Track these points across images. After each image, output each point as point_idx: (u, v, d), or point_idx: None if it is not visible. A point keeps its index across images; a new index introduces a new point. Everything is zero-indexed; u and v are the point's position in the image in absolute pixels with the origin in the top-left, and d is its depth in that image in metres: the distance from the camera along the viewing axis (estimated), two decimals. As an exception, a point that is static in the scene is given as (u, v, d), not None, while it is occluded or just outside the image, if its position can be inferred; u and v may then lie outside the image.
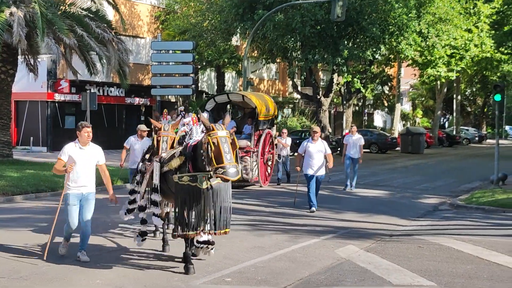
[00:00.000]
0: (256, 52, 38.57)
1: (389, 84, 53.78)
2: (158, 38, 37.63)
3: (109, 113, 39.24)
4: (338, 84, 41.06)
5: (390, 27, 34.41)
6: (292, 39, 35.00)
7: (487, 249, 11.92)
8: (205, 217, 9.48)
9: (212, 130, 8.78)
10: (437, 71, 42.56)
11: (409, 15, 34.21)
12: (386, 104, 64.99)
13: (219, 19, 35.90)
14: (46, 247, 9.53)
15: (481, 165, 33.13)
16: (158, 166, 10.12)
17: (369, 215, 16.94)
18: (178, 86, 26.18)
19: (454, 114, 64.34)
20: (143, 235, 10.69)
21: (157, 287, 9.06)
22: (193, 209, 9.38)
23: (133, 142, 15.19)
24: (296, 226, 15.01)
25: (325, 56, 35.90)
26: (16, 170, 22.30)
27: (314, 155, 16.87)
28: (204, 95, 44.43)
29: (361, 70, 40.68)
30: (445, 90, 54.30)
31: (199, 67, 39.36)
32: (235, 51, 39.52)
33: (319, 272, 9.91)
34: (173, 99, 40.61)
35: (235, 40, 37.90)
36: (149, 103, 41.53)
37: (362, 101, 58.72)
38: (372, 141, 47.42)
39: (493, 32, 41.79)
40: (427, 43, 37.19)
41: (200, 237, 9.77)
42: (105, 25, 26.75)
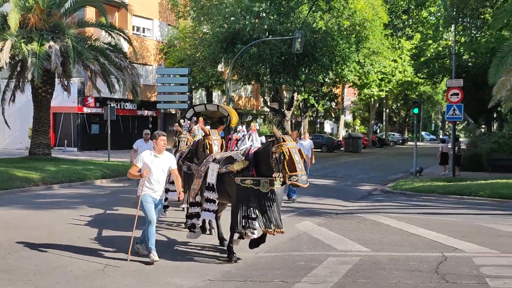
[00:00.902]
0: (236, 76, 38.53)
1: (336, 101, 54.09)
2: (162, 66, 37.74)
3: (125, 122, 38.99)
4: (298, 100, 41.09)
5: (336, 58, 34.51)
6: (263, 67, 34.99)
7: (408, 224, 12.05)
8: (266, 217, 8.25)
9: (284, 141, 7.78)
10: (371, 91, 42.84)
11: (350, 49, 34.41)
12: (333, 115, 65.44)
13: (208, 51, 35.85)
14: (129, 248, 8.20)
15: (404, 161, 33.36)
16: (217, 167, 8.69)
17: (321, 199, 16.92)
18: (177, 102, 26.14)
19: (384, 123, 64.82)
20: (194, 228, 9.24)
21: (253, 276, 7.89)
22: (253, 210, 8.34)
23: (140, 144, 14.40)
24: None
25: (288, 80, 35.93)
26: (54, 165, 22.13)
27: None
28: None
29: (315, 90, 40.76)
30: (377, 105, 54.79)
31: (193, 88, 39.18)
32: (220, 76, 39.44)
33: (284, 241, 9.93)
34: (173, 111, 40.44)
35: (220, 67, 37.84)
36: (155, 115, 41.34)
37: (316, 113, 58.89)
38: (323, 143, 47.51)
39: (412, 62, 42.17)
40: (364, 70, 37.42)
41: (253, 235, 8.66)
42: (122, 55, 26.66)
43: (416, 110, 25.22)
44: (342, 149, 49.09)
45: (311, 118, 53.16)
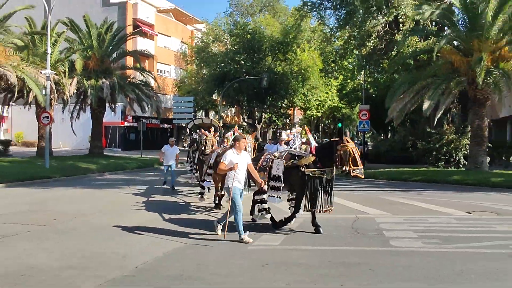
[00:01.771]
0: (224, 102, 38.41)
1: (289, 118, 54.33)
2: (176, 95, 37.62)
3: (151, 132, 38.67)
4: (264, 118, 41.22)
5: (289, 91, 34.78)
6: (242, 96, 35.05)
7: (335, 197, 11.98)
8: (327, 198, 7.36)
9: (348, 142, 6.99)
10: (312, 112, 43.03)
11: (298, 85, 34.76)
12: (288, 128, 65.75)
13: (206, 86, 35.76)
14: (225, 228, 6.84)
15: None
16: (282, 162, 7.46)
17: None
18: (186, 118, 25.90)
19: (319, 133, 65.28)
20: (264, 211, 7.65)
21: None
22: (320, 193, 7.29)
23: (167, 148, 13.47)
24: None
25: (258, 104, 36.07)
26: (104, 160, 21.99)
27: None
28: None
29: (275, 111, 40.81)
30: (315, 121, 55.03)
31: (196, 109, 39.03)
32: (214, 102, 39.33)
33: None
34: (183, 125, 40.21)
35: (214, 96, 37.72)
36: (172, 127, 41.13)
37: (276, 126, 59.12)
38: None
39: (338, 94, 42.62)
40: (307, 98, 37.59)
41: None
42: (150, 88, 26.66)
43: (340, 124, 25.86)
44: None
45: (273, 130, 53.19)
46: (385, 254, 6.23)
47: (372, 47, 22.19)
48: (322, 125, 65.91)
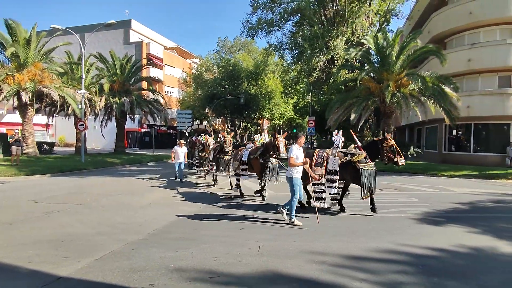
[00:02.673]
0: (214, 114, 38.13)
1: (260, 126, 54.23)
2: (179, 109, 36.82)
3: (161, 136, 37.78)
4: (242, 126, 41.10)
5: (260, 107, 34.94)
6: (226, 110, 34.97)
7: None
8: (374, 187, 6.34)
9: (390, 140, 6.23)
10: (275, 122, 43.25)
11: (266, 103, 34.97)
12: (259, 133, 64.97)
13: (201, 103, 35.36)
14: (316, 215, 6.05)
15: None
16: (338, 159, 6.46)
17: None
18: (186, 126, 25.63)
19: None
20: (324, 199, 6.59)
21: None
22: (371, 182, 6.25)
23: (177, 148, 11.43)
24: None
25: (238, 116, 36.06)
26: (126, 156, 21.40)
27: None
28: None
29: (250, 121, 40.85)
30: (278, 128, 54.28)
31: (193, 120, 38.58)
32: (207, 114, 38.92)
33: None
34: (184, 130, 39.68)
35: (207, 110, 37.34)
36: (175, 132, 40.27)
37: (250, 132, 59.03)
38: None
39: (293, 109, 42.98)
40: (272, 112, 37.85)
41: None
42: (160, 104, 25.99)
43: (295, 130, 25.82)
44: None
45: (248, 134, 53.23)
46: (324, 220, 6.28)
47: (316, 77, 22.59)
48: (282, 131, 66.34)
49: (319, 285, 3.50)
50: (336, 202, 6.82)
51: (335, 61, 21.51)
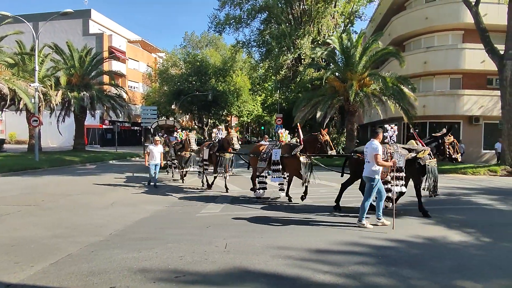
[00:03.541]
0: (181, 111, 37.26)
1: (228, 122, 53.73)
2: (143, 105, 35.50)
3: (124, 133, 36.18)
4: (210, 122, 40.71)
5: (228, 104, 34.74)
6: (194, 107, 34.34)
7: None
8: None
9: (450, 136, 6.21)
10: (244, 119, 43.27)
11: (234, 100, 34.87)
12: (227, 130, 64.80)
13: (166, 99, 34.31)
14: (393, 220, 5.45)
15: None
16: (404, 156, 6.00)
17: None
18: (151, 123, 24.69)
19: (249, 134, 65.69)
20: (389, 199, 6.18)
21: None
22: (436, 178, 6.08)
23: (152, 148, 9.35)
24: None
25: (205, 113, 35.60)
26: (86, 154, 20.22)
27: None
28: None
29: (218, 118, 40.46)
30: (246, 125, 55.08)
31: (159, 116, 37.32)
32: (173, 110, 37.97)
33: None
34: (149, 127, 38.43)
35: (173, 106, 36.38)
36: (140, 129, 38.72)
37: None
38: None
39: (261, 106, 43.29)
40: (240, 109, 37.84)
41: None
42: (122, 99, 24.73)
43: (263, 127, 26.01)
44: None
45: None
46: (288, 215, 6.35)
47: (284, 75, 22.96)
48: (251, 128, 66.65)
49: (285, 279, 3.53)
50: (389, 202, 6.21)
51: (302, 60, 21.96)
